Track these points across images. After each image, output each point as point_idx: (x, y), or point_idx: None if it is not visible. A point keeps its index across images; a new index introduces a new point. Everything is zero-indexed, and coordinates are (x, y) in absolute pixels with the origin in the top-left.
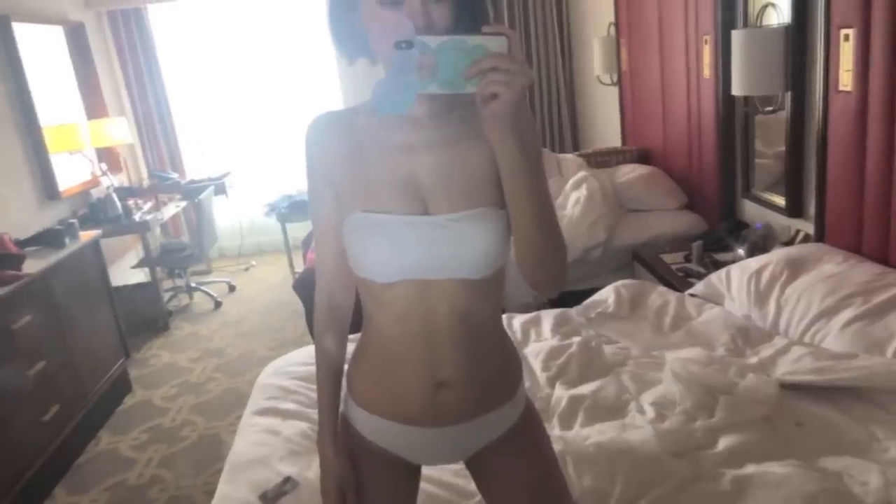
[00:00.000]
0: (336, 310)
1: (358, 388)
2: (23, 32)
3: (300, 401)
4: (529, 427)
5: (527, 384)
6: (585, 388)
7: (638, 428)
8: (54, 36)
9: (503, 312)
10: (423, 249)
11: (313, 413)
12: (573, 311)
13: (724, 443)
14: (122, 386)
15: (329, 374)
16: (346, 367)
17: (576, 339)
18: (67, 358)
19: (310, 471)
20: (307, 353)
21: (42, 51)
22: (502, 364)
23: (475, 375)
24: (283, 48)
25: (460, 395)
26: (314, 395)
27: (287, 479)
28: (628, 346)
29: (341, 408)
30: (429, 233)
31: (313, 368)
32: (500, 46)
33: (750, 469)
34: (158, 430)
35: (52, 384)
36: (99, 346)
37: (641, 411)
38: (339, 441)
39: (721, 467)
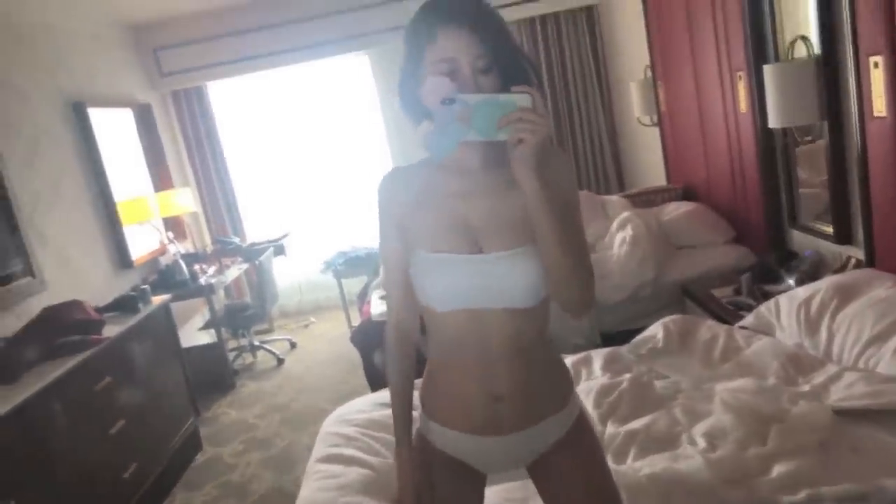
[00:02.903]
0: (403, 330)
1: (429, 404)
2: (96, 116)
3: (360, 447)
4: (582, 433)
5: None
6: (637, 424)
7: (689, 458)
8: (125, 117)
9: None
10: (476, 283)
11: (372, 459)
12: (623, 349)
13: (778, 469)
14: (193, 443)
15: (401, 385)
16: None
17: (626, 376)
18: (143, 417)
19: None
20: (367, 400)
21: (114, 131)
22: (551, 378)
23: (526, 389)
24: (333, 112)
25: (515, 406)
26: (372, 442)
27: None
28: (679, 380)
29: (416, 426)
30: (481, 269)
31: (373, 415)
32: (525, 101)
33: (804, 493)
34: (228, 485)
35: (130, 442)
36: (171, 405)
37: (693, 443)
38: (415, 452)
39: (777, 493)
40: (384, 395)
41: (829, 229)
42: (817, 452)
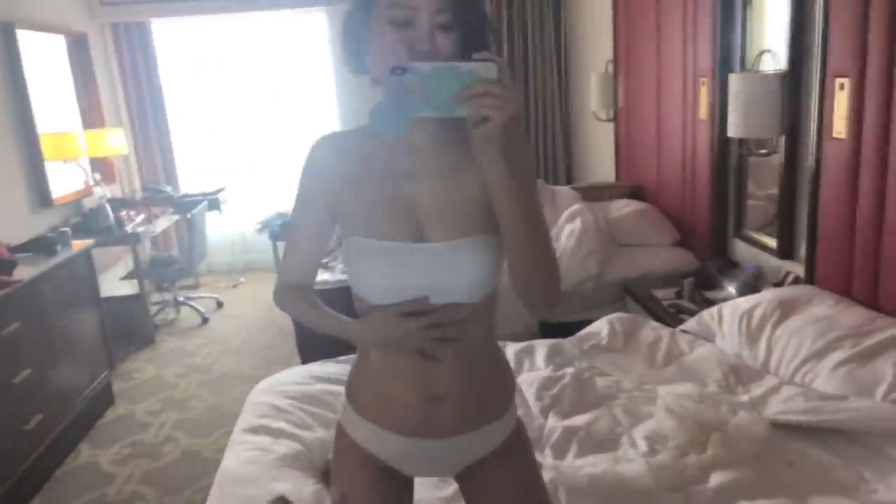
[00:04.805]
0: (299, 289)
1: (357, 396)
2: (26, 40)
3: (292, 420)
4: (519, 444)
5: (520, 412)
6: (579, 420)
7: (630, 461)
8: (57, 45)
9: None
10: (418, 276)
11: (304, 433)
12: (567, 343)
13: (715, 479)
14: (104, 398)
15: (315, 315)
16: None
17: (569, 370)
18: (52, 367)
19: (303, 492)
20: (302, 372)
21: (43, 59)
22: (495, 381)
23: (469, 391)
24: (283, 67)
25: (454, 409)
26: (305, 416)
27: (280, 499)
28: (621, 379)
29: (338, 416)
30: (424, 260)
31: (307, 388)
32: (490, 72)
33: None
34: (140, 445)
35: (36, 393)
36: (84, 356)
37: (634, 445)
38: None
39: (713, 503)
40: (320, 367)
41: (772, 242)
42: (754, 464)
